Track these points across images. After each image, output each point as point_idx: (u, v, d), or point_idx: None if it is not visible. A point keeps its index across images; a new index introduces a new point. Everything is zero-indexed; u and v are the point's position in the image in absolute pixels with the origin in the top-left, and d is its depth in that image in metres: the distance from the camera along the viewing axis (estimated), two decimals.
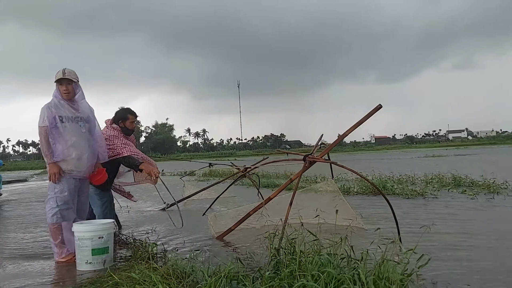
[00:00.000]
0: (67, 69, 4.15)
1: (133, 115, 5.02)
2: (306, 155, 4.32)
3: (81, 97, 4.28)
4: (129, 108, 5.08)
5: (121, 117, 4.96)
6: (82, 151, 4.12)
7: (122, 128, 4.93)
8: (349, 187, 9.09)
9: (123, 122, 4.95)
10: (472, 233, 4.59)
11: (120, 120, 4.95)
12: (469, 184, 9.13)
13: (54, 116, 4.03)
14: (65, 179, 4.07)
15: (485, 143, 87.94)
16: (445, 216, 5.67)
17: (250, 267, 3.47)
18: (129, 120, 4.97)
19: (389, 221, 4.57)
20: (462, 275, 3.20)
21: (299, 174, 4.28)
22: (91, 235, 3.81)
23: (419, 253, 2.90)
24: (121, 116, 4.97)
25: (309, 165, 4.30)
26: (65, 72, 4.10)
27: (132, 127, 5.03)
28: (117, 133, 4.85)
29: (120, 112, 5.03)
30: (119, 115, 5.00)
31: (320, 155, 4.33)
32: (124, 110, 5.06)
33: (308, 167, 4.33)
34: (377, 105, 3.76)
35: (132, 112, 5.06)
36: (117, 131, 4.88)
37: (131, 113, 5.02)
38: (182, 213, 6.78)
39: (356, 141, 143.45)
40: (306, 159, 4.28)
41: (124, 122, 4.95)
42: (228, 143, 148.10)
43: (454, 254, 3.81)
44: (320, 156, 4.27)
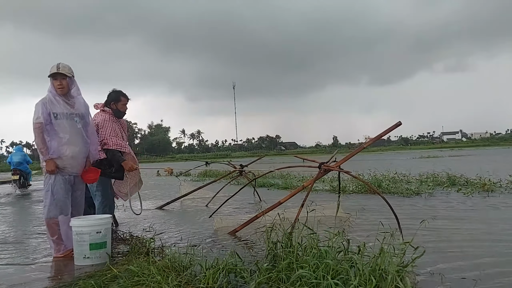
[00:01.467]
0: (62, 63, 4.10)
1: (126, 98, 5.05)
2: (321, 163, 4.41)
3: (77, 93, 4.23)
4: (121, 90, 5.10)
5: (114, 99, 4.97)
6: (76, 149, 4.10)
7: (114, 111, 4.94)
8: (345, 185, 9.12)
9: (115, 103, 4.96)
10: (467, 228, 4.65)
11: (112, 101, 4.96)
12: (464, 183, 9.20)
13: (48, 113, 3.99)
14: (60, 175, 4.07)
15: (479, 144, 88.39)
16: (441, 212, 5.74)
17: (248, 261, 3.49)
18: (122, 102, 4.99)
19: (386, 217, 4.61)
20: (458, 268, 3.24)
21: (312, 181, 4.30)
22: (89, 230, 3.81)
23: (415, 246, 2.94)
24: (114, 97, 4.98)
25: (324, 173, 4.38)
26: (59, 66, 4.05)
27: (124, 109, 5.05)
28: (108, 117, 4.85)
29: (113, 94, 5.02)
30: (112, 96, 5.00)
31: (336, 164, 4.41)
32: (117, 92, 5.05)
33: (322, 175, 4.41)
34: (397, 122, 3.93)
35: (125, 94, 5.08)
36: (108, 114, 4.89)
37: (124, 96, 5.04)
38: (178, 211, 6.80)
39: (351, 143, 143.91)
40: (321, 167, 4.34)
41: (117, 103, 4.96)
42: (223, 144, 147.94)
43: (449, 247, 3.85)
44: (336, 166, 4.33)
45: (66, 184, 4.12)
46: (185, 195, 7.94)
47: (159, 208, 7.65)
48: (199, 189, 8.05)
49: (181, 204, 8.10)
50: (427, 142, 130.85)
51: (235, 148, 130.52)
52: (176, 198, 7.88)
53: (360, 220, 5.15)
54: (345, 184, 9.20)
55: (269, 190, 10.29)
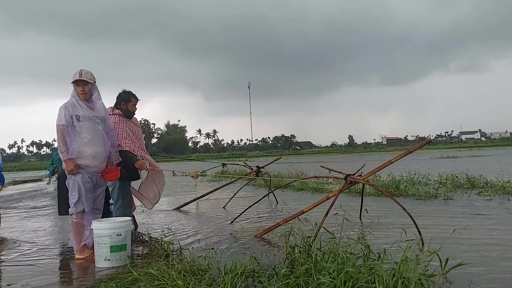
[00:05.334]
0: (84, 70, 4.28)
1: (135, 98, 5.17)
2: (347, 175, 4.38)
3: (98, 97, 4.41)
4: (131, 91, 5.21)
5: (124, 99, 5.09)
6: (97, 148, 4.25)
7: (124, 111, 5.05)
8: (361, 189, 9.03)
9: (125, 104, 5.08)
10: (494, 236, 4.51)
11: (123, 101, 5.08)
12: (484, 184, 9.02)
13: (71, 115, 4.18)
14: (81, 174, 4.20)
15: (498, 144, 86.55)
16: (464, 218, 5.59)
17: (266, 265, 3.49)
18: (132, 102, 5.11)
19: (407, 224, 4.54)
20: (486, 279, 3.16)
21: (337, 193, 4.28)
22: (110, 232, 3.88)
23: (442, 255, 2.89)
24: (124, 98, 5.10)
25: (349, 185, 4.36)
26: (81, 73, 4.24)
27: (134, 110, 5.16)
28: (119, 119, 4.96)
29: (123, 95, 5.14)
30: (122, 97, 5.11)
31: (362, 177, 4.37)
32: (127, 92, 5.17)
33: (348, 187, 4.39)
34: (426, 139, 3.91)
35: (134, 95, 5.19)
36: (118, 116, 5.00)
37: (134, 96, 5.16)
38: (196, 212, 6.85)
39: (367, 142, 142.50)
40: (347, 179, 4.31)
41: (127, 104, 5.08)
42: (239, 144, 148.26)
43: (476, 256, 3.76)
44: (363, 178, 4.30)
45: (88, 182, 4.26)
46: (202, 196, 7.99)
47: (176, 209, 7.72)
48: (215, 190, 8.09)
49: (198, 205, 8.16)
50: (445, 142, 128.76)
51: (250, 148, 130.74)
52: (193, 200, 7.94)
53: (380, 226, 5.08)
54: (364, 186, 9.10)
55: (284, 191, 10.26)
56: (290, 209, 6.88)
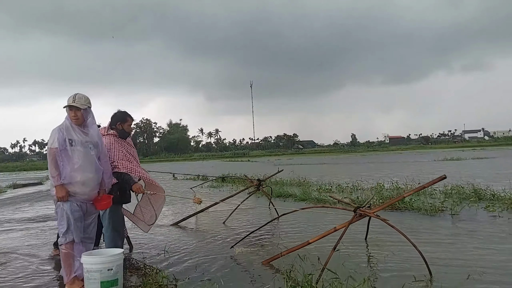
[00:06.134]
0: (79, 94, 4.09)
1: (131, 118, 5.02)
2: (357, 207, 4.14)
3: (92, 122, 4.23)
4: (126, 111, 5.04)
5: (120, 119, 4.92)
6: (87, 175, 4.05)
7: (119, 131, 4.88)
8: (366, 199, 8.81)
9: (121, 124, 4.90)
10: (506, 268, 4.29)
11: (119, 122, 4.90)
12: (490, 197, 8.79)
13: (64, 139, 4.00)
14: (70, 202, 4.00)
15: (502, 143, 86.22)
16: (474, 247, 5.37)
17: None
18: (128, 122, 4.95)
19: (412, 251, 4.31)
20: None
21: (346, 225, 4.03)
22: (100, 268, 3.67)
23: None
24: (120, 118, 4.93)
25: (359, 217, 4.11)
26: (75, 98, 4.05)
27: (130, 130, 5.02)
28: (113, 140, 4.78)
29: (119, 115, 4.98)
30: (118, 117, 4.95)
31: (373, 210, 4.13)
32: (123, 112, 5.02)
33: (357, 219, 4.14)
34: (441, 176, 3.79)
35: (130, 115, 5.04)
36: (113, 137, 4.82)
37: (130, 116, 5.01)
38: (194, 228, 6.66)
39: (370, 141, 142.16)
40: (356, 211, 4.09)
41: (123, 124, 4.91)
42: (241, 143, 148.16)
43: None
44: (373, 212, 4.06)
45: (79, 211, 4.04)
46: (200, 211, 7.78)
47: (175, 224, 7.52)
48: (215, 204, 7.88)
49: (197, 220, 7.95)
50: (448, 140, 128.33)
51: (252, 147, 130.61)
52: (191, 215, 7.73)
53: (385, 254, 4.83)
54: (367, 198, 8.89)
55: (285, 201, 10.05)
56: (291, 225, 6.68)
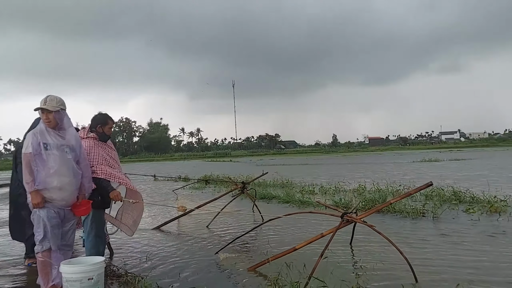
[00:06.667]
0: (50, 96, 3.92)
1: (112, 121, 4.91)
2: (344, 213, 4.12)
3: (69, 124, 4.07)
4: (107, 114, 4.90)
5: (101, 122, 4.78)
6: (64, 179, 3.89)
7: (100, 134, 4.75)
8: (349, 201, 8.85)
9: (102, 127, 4.76)
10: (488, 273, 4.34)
11: (99, 124, 4.76)
12: (470, 200, 8.94)
13: (38, 143, 3.84)
14: (47, 208, 3.85)
15: (477, 145, 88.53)
16: (455, 248, 5.38)
17: None
18: (109, 125, 4.83)
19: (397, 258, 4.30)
20: None
21: (333, 231, 3.99)
22: (80, 277, 3.55)
23: None
24: (101, 120, 4.79)
25: (346, 223, 4.11)
26: (46, 100, 3.88)
27: (110, 133, 4.89)
28: (93, 144, 4.64)
29: (100, 117, 4.84)
30: (98, 119, 4.81)
31: (360, 216, 4.12)
32: (104, 115, 4.89)
33: (344, 225, 4.13)
34: (428, 182, 3.93)
35: (111, 118, 4.93)
36: (93, 139, 4.68)
37: (111, 119, 4.89)
38: (177, 232, 6.54)
39: (350, 142, 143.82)
40: (343, 217, 4.06)
41: (103, 127, 4.77)
42: (223, 143, 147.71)
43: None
44: (360, 218, 4.05)
45: (56, 218, 3.89)
46: (183, 215, 7.66)
47: (156, 228, 7.37)
48: (198, 208, 7.76)
49: (179, 223, 7.82)
50: (425, 142, 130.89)
51: (234, 147, 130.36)
52: (173, 218, 7.59)
53: (371, 259, 4.81)
54: (349, 200, 8.93)
55: (269, 203, 10.00)
56: (276, 229, 6.62)
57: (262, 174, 8.26)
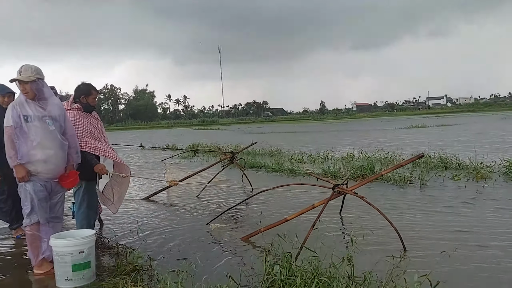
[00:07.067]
0: (25, 66, 3.75)
1: (96, 91, 4.78)
2: (336, 185, 4.13)
3: (49, 94, 3.92)
4: (91, 84, 4.78)
5: (84, 92, 4.65)
6: (49, 152, 3.79)
7: (84, 105, 4.63)
8: (338, 170, 8.91)
9: (85, 97, 4.64)
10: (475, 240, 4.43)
11: (83, 95, 4.63)
12: (456, 166, 9.09)
13: (18, 115, 3.71)
14: (33, 182, 3.78)
15: (463, 110, 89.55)
16: (443, 215, 5.48)
17: (244, 285, 3.25)
18: (92, 95, 4.70)
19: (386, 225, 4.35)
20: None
21: (324, 202, 3.99)
22: (71, 250, 3.51)
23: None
24: (84, 91, 4.66)
25: (337, 195, 4.13)
26: (21, 70, 3.72)
27: (94, 103, 4.77)
28: (78, 115, 4.53)
29: (83, 87, 4.71)
30: (82, 90, 4.68)
31: (351, 187, 4.13)
32: (87, 85, 4.76)
33: (336, 196, 4.16)
34: (419, 154, 3.91)
35: (95, 87, 4.80)
36: (77, 111, 4.56)
37: (94, 89, 4.76)
38: (167, 202, 6.51)
39: (338, 109, 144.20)
40: (335, 189, 4.07)
41: (87, 97, 4.65)
42: (210, 110, 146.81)
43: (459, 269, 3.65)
44: (351, 189, 4.05)
45: (43, 191, 3.82)
46: (169, 187, 7.62)
47: (146, 198, 7.35)
48: (187, 178, 7.74)
49: (169, 193, 7.81)
50: (412, 107, 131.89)
51: (221, 114, 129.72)
52: (163, 188, 7.57)
53: (361, 228, 4.85)
54: (338, 168, 8.99)
55: (258, 173, 10.02)
56: (266, 200, 6.66)
57: (251, 144, 8.23)
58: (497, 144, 14.81)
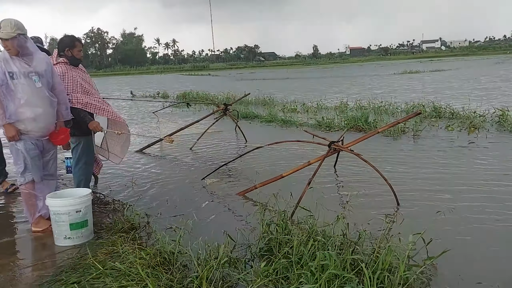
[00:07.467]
0: (4, 22, 3.53)
1: (80, 43, 4.56)
2: (331, 142, 4.10)
3: (34, 49, 3.75)
4: (74, 35, 4.58)
5: (68, 45, 4.43)
6: (37, 110, 3.69)
7: (69, 58, 4.44)
8: (331, 120, 8.89)
9: (70, 50, 4.43)
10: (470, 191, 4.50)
11: (67, 47, 4.42)
12: (450, 115, 9.12)
13: (4, 72, 3.57)
14: (24, 140, 3.71)
15: (458, 54, 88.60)
16: (435, 167, 5.53)
17: (241, 243, 3.32)
18: (77, 48, 4.48)
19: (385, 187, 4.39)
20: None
21: (320, 159, 3.96)
22: (68, 210, 3.52)
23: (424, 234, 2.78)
24: (68, 43, 4.44)
25: (333, 152, 4.14)
26: (0, 27, 3.51)
27: (80, 56, 4.55)
28: (65, 69, 4.35)
29: (67, 40, 4.49)
30: (65, 42, 4.46)
31: (347, 145, 4.11)
32: (71, 37, 4.56)
33: (332, 153, 4.16)
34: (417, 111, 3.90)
35: (79, 39, 4.61)
36: (64, 64, 4.39)
37: (78, 40, 4.55)
38: (160, 155, 6.47)
39: (331, 53, 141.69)
40: (331, 146, 4.05)
41: (72, 50, 4.43)
42: (200, 55, 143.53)
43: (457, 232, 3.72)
44: (347, 146, 4.02)
45: (35, 149, 3.77)
46: (159, 140, 7.55)
47: (139, 151, 7.32)
48: (180, 130, 7.67)
49: (162, 145, 7.77)
50: (406, 51, 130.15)
51: (212, 59, 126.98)
52: (156, 141, 7.51)
53: (355, 182, 4.87)
54: (331, 120, 8.96)
55: (251, 123, 9.96)
56: (260, 154, 6.66)
57: (244, 95, 8.10)
58: (490, 91, 14.81)
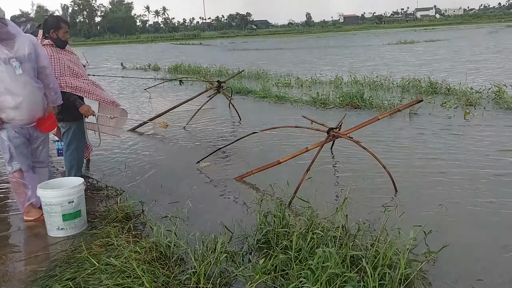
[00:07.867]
0: None
1: (66, 24, 4.33)
2: (330, 129, 4.01)
3: (15, 32, 3.52)
4: (60, 16, 4.34)
5: (53, 26, 4.21)
6: (18, 98, 3.52)
7: (55, 40, 4.23)
8: (326, 97, 8.76)
9: (55, 31, 4.20)
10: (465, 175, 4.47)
11: (52, 29, 4.20)
12: (446, 91, 9.04)
13: None
14: (7, 129, 3.59)
15: (452, 23, 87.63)
16: (432, 148, 5.47)
17: (238, 234, 3.27)
18: (63, 29, 4.25)
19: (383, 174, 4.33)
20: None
21: (319, 146, 3.87)
22: (60, 201, 3.43)
23: None
24: (53, 24, 4.21)
25: (332, 138, 4.07)
26: None
27: (66, 38, 4.33)
28: (51, 51, 4.15)
29: (52, 20, 4.28)
30: (50, 23, 4.24)
31: (346, 132, 4.00)
32: (55, 17, 4.37)
33: (330, 140, 4.11)
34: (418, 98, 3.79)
35: (65, 20, 4.37)
36: (50, 47, 4.18)
37: (64, 21, 4.32)
38: (153, 134, 6.35)
39: (325, 21, 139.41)
40: (329, 133, 3.97)
41: (57, 31, 4.21)
42: (191, 23, 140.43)
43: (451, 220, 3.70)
44: (346, 133, 3.94)
45: (18, 137, 3.64)
46: (158, 116, 7.42)
47: (132, 130, 7.17)
48: (173, 109, 7.52)
49: (155, 124, 7.61)
50: (400, 19, 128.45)
51: (203, 27, 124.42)
52: (149, 119, 7.36)
53: (353, 169, 4.76)
54: (326, 96, 8.83)
55: (245, 99, 9.80)
56: (255, 137, 6.53)
57: (238, 72, 7.93)
58: (483, 63, 14.69)
